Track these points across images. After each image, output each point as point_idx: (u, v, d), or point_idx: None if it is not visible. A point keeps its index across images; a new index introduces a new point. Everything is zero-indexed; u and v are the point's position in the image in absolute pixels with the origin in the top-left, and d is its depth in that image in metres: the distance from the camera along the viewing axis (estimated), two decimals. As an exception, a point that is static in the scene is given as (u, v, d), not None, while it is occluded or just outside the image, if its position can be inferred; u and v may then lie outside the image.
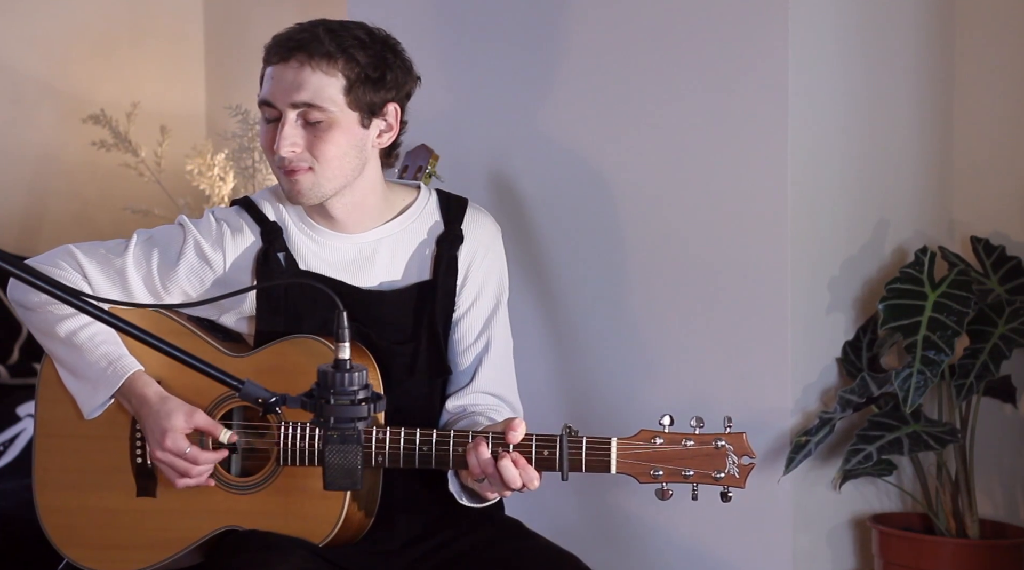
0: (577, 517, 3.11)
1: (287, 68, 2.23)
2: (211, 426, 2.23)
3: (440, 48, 3.30)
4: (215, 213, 2.37)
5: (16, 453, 3.48)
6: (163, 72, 4.45)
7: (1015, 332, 2.77)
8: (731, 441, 2.13)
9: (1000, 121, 3.02)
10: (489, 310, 2.40)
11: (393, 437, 2.17)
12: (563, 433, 2.13)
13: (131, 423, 2.32)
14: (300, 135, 2.24)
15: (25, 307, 2.35)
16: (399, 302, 2.33)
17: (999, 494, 2.99)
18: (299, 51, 2.23)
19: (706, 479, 2.13)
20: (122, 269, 2.33)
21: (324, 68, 2.22)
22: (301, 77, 2.22)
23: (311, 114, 2.23)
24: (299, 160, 2.24)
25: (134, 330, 1.80)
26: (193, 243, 2.33)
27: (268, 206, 2.37)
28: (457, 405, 2.36)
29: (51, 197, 4.28)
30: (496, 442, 2.13)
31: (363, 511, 2.24)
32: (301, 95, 2.22)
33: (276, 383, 2.12)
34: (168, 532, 2.28)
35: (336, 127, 2.24)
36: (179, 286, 2.33)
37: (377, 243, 2.34)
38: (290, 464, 2.22)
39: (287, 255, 2.31)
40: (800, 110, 2.79)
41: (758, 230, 2.82)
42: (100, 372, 2.27)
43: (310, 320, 2.28)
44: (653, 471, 2.12)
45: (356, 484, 1.81)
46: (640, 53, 2.97)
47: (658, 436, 2.13)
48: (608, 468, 2.12)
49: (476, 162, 3.21)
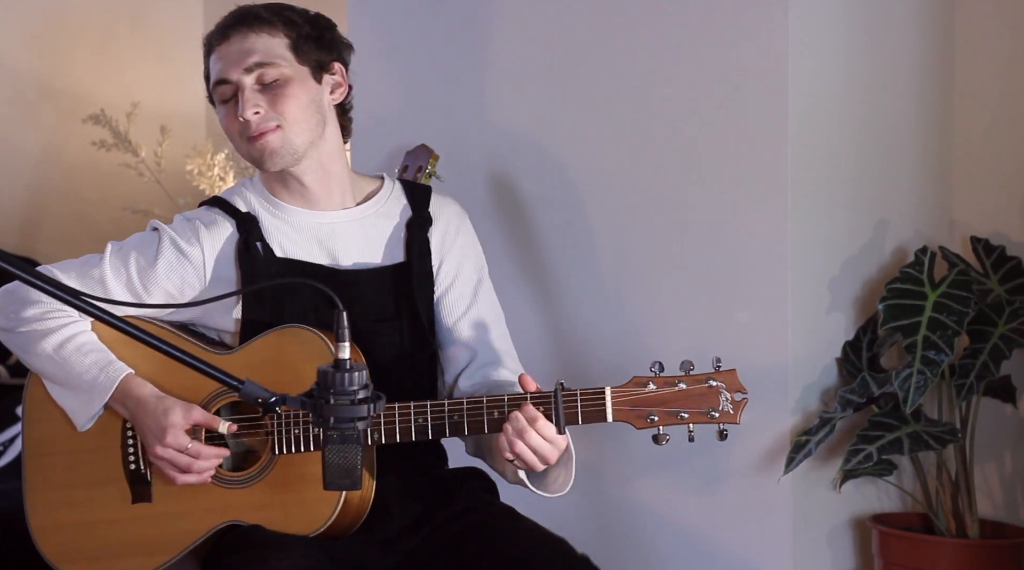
0: (578, 516, 3.11)
1: (231, 42, 2.30)
2: (209, 420, 2.23)
3: (440, 48, 3.30)
4: (185, 214, 2.40)
5: (16, 453, 3.48)
6: (163, 72, 4.46)
7: (1015, 332, 2.77)
8: (723, 379, 2.15)
9: (1000, 121, 3.02)
10: (473, 284, 2.43)
11: (387, 413, 2.19)
12: (557, 388, 2.15)
13: (121, 431, 2.31)
14: (260, 98, 2.29)
15: (5, 330, 2.35)
16: (376, 282, 2.35)
17: (999, 494, 3.00)
18: (238, 25, 2.31)
19: (702, 418, 2.15)
20: (101, 278, 2.33)
21: (267, 31, 2.30)
22: (247, 43, 2.29)
23: (266, 74, 2.29)
24: (265, 121, 2.29)
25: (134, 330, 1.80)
26: (169, 241, 2.34)
27: (238, 199, 2.39)
28: (472, 383, 2.39)
29: (51, 197, 4.28)
30: (492, 404, 2.17)
31: (361, 495, 2.24)
32: (252, 58, 2.29)
33: (269, 375, 2.13)
34: (167, 535, 2.28)
35: (292, 82, 2.30)
36: (160, 286, 2.33)
37: (348, 224, 2.37)
38: (285, 452, 2.23)
39: (264, 244, 2.33)
40: (800, 109, 2.79)
41: (758, 230, 2.82)
42: (92, 380, 2.27)
43: (291, 308, 2.30)
44: (649, 416, 2.15)
45: (356, 484, 1.81)
46: (640, 53, 2.97)
47: (650, 381, 2.15)
48: (604, 417, 2.15)
49: (476, 162, 3.21)
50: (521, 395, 2.17)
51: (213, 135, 4.33)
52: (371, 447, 2.24)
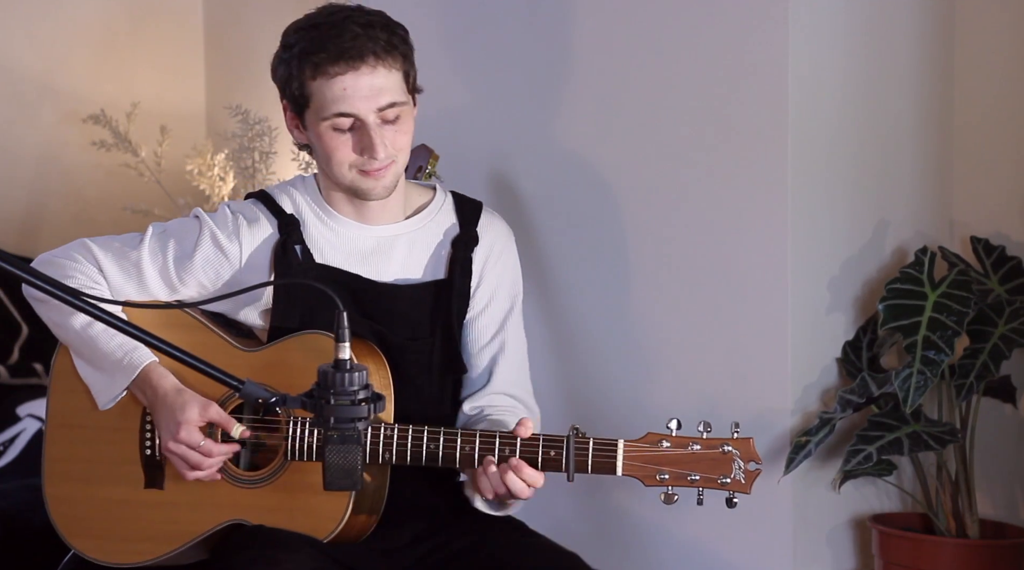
0: (578, 517, 3.11)
1: (360, 75, 2.23)
2: (224, 420, 2.23)
3: (441, 48, 3.30)
4: (230, 206, 2.37)
5: (16, 453, 3.48)
6: (163, 72, 4.45)
7: (1015, 332, 2.77)
8: (738, 446, 2.13)
9: (1000, 121, 3.02)
10: (504, 312, 2.41)
11: (401, 434, 2.18)
12: (570, 434, 2.14)
13: (141, 415, 2.32)
14: (385, 135, 2.27)
15: (39, 300, 2.35)
16: (415, 298, 2.33)
17: (999, 494, 2.99)
18: (366, 55, 2.23)
19: (712, 484, 2.13)
20: (137, 262, 2.33)
21: (389, 64, 2.25)
22: (377, 80, 2.23)
23: (390, 112, 2.25)
24: (388, 158, 2.27)
25: (135, 330, 1.80)
26: (209, 234, 2.33)
27: (285, 198, 2.37)
28: (474, 407, 2.38)
29: (51, 197, 4.28)
30: (504, 442, 2.15)
31: (368, 509, 2.24)
32: (384, 97, 2.24)
33: (286, 379, 2.13)
34: (174, 525, 2.28)
35: (407, 117, 2.29)
36: (195, 278, 2.33)
37: (395, 238, 2.35)
38: (297, 459, 2.23)
39: (304, 248, 2.32)
40: (800, 109, 2.78)
41: (758, 230, 2.82)
42: (116, 363, 2.28)
43: (323, 314, 2.27)
44: (659, 474, 2.13)
45: (356, 485, 1.81)
46: (640, 53, 2.97)
47: (665, 439, 2.14)
48: (614, 470, 2.13)
49: (476, 162, 3.21)
50: (534, 438, 2.15)
51: (213, 135, 4.33)
52: (384, 466, 2.24)
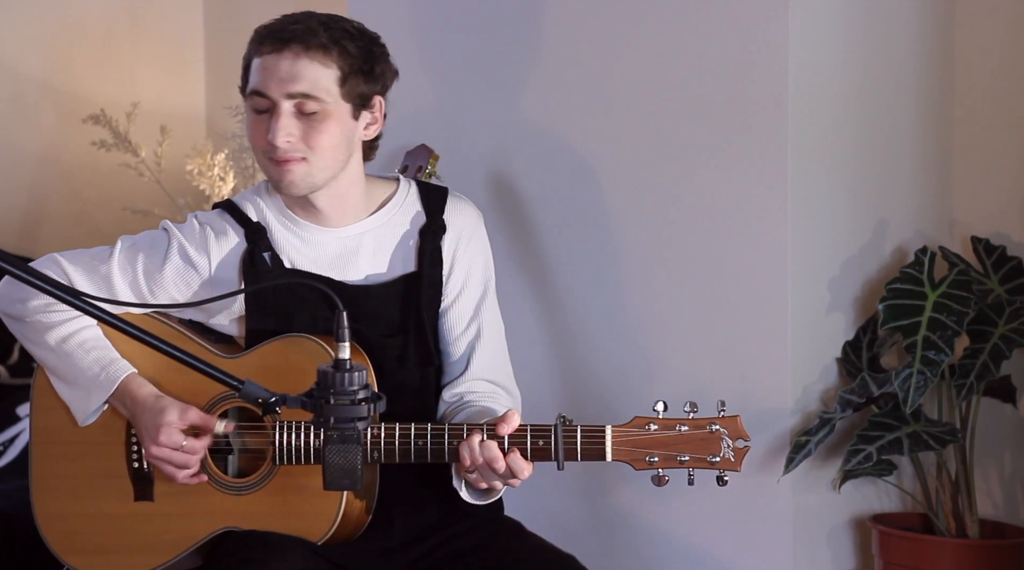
0: (576, 517, 3.11)
1: (281, 58, 2.23)
2: (205, 421, 2.23)
3: (440, 48, 3.30)
4: (198, 217, 2.37)
5: (16, 453, 3.48)
6: (163, 72, 4.45)
7: (1015, 332, 2.77)
8: (725, 425, 2.14)
9: (1000, 121, 3.02)
10: (478, 297, 2.39)
11: (388, 433, 2.17)
12: (557, 423, 2.13)
13: (126, 428, 2.31)
14: (295, 125, 2.23)
15: (12, 317, 2.34)
16: (386, 295, 2.33)
17: (999, 494, 3.00)
18: (294, 42, 2.22)
19: (702, 463, 2.13)
20: (108, 275, 2.32)
21: (320, 59, 2.22)
22: (297, 68, 2.22)
23: (307, 105, 2.23)
24: (293, 150, 2.24)
25: (135, 331, 1.80)
26: (177, 247, 2.33)
27: (250, 207, 2.36)
28: (453, 394, 2.36)
29: (51, 197, 4.28)
30: (491, 435, 2.14)
31: (361, 508, 2.24)
32: (298, 86, 2.22)
33: (270, 383, 2.12)
34: (166, 535, 2.28)
35: (330, 118, 2.24)
36: (165, 290, 2.33)
37: (360, 237, 2.34)
38: (286, 463, 2.22)
39: (272, 254, 2.31)
40: (800, 109, 2.79)
41: (758, 230, 2.82)
42: (93, 378, 2.27)
43: (300, 318, 2.28)
44: (648, 457, 2.13)
45: (356, 484, 1.81)
46: (640, 52, 2.97)
47: (652, 422, 2.14)
48: (603, 456, 2.13)
49: (476, 162, 3.21)
50: (522, 428, 2.14)
51: (213, 135, 4.33)
52: (373, 465, 2.24)
